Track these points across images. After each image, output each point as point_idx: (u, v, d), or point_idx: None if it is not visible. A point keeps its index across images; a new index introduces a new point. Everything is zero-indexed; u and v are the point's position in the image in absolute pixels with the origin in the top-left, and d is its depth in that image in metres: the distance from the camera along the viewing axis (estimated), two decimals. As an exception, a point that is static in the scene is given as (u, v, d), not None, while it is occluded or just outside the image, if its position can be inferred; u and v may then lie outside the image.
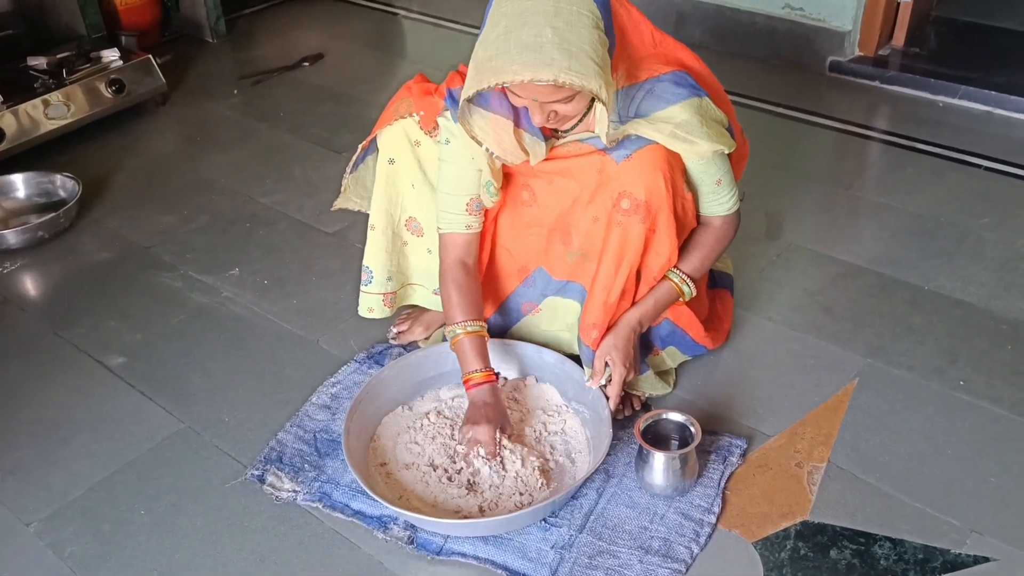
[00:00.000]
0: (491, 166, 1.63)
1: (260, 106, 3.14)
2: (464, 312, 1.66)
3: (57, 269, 2.34)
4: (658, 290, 1.66)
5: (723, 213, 1.68)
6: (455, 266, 1.70)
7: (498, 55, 1.37)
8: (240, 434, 1.78)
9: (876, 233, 2.32)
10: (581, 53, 1.36)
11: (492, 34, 1.40)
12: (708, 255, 1.70)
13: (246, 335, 2.05)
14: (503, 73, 1.36)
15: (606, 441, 1.58)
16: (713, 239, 1.69)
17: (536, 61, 1.34)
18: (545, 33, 1.35)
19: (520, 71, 1.35)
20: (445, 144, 1.65)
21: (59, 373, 1.97)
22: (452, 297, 1.68)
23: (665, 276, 1.66)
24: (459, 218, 1.69)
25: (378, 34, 3.78)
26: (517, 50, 1.35)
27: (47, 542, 1.59)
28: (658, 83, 1.52)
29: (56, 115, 2.77)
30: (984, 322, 1.99)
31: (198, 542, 1.57)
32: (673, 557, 1.49)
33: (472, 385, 1.64)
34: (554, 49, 1.34)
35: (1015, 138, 2.72)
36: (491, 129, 1.55)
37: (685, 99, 1.52)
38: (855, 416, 1.76)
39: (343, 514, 1.59)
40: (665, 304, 1.68)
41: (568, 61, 1.34)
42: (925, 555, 1.48)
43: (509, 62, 1.36)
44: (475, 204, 1.68)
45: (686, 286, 1.66)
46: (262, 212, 2.52)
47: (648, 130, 1.52)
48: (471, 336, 1.65)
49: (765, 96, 2.98)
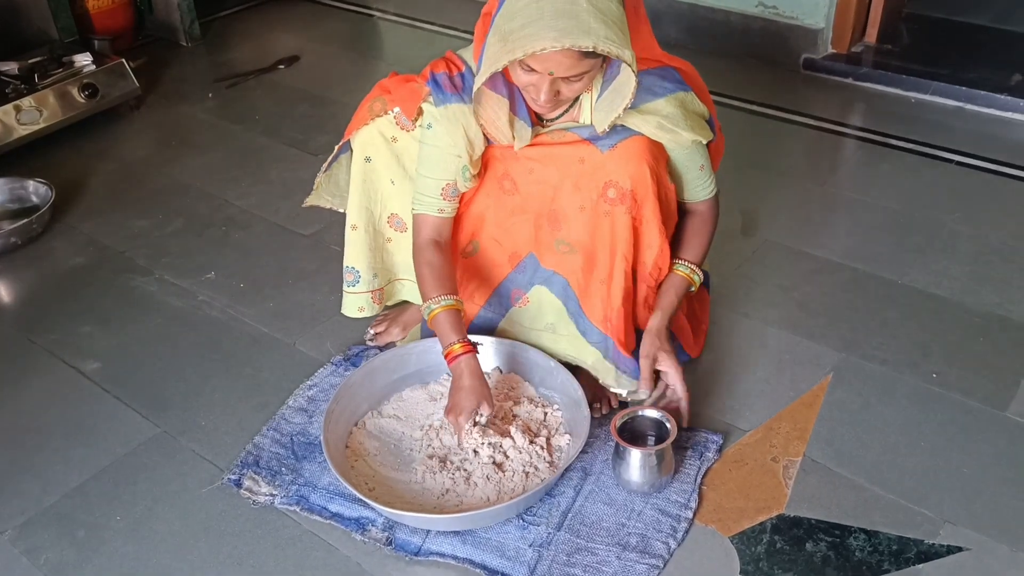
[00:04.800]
0: (470, 153, 1.64)
1: (235, 109, 3.12)
2: (438, 288, 1.67)
3: (31, 275, 2.32)
4: (672, 284, 1.70)
5: (706, 197, 1.74)
6: (427, 246, 1.71)
7: (531, 23, 1.36)
8: (217, 438, 1.77)
9: (850, 229, 2.34)
10: (614, 23, 1.37)
11: (518, 4, 1.38)
12: (704, 240, 1.75)
13: (222, 339, 2.05)
14: (538, 40, 1.34)
15: (585, 424, 1.60)
16: (703, 223, 1.75)
17: (575, 28, 1.34)
18: (580, 1, 1.35)
19: (559, 38, 1.33)
20: (427, 128, 1.66)
21: (33, 379, 1.95)
22: (425, 275, 1.69)
23: (672, 269, 1.70)
24: (433, 201, 1.70)
25: (354, 35, 3.77)
26: (553, 16, 1.34)
27: (21, 549, 1.57)
28: (647, 76, 1.56)
29: (28, 120, 2.75)
30: (957, 315, 2.01)
31: (175, 547, 1.56)
32: (651, 553, 1.49)
33: (452, 357, 1.64)
34: (591, 17, 1.35)
35: (986, 133, 2.75)
36: (489, 105, 1.57)
37: (672, 93, 1.58)
38: (830, 410, 1.77)
39: (321, 516, 1.59)
40: (682, 295, 1.71)
41: (606, 30, 1.35)
42: (899, 546, 1.50)
43: (545, 28, 1.34)
44: (451, 189, 1.69)
45: (696, 275, 1.71)
46: (238, 215, 2.50)
47: (637, 120, 1.56)
48: (446, 310, 1.66)
49: (740, 94, 3.00)
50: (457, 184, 1.68)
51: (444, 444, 1.67)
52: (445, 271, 1.70)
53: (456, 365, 1.63)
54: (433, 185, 1.68)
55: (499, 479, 1.59)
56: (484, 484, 1.58)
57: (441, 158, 1.66)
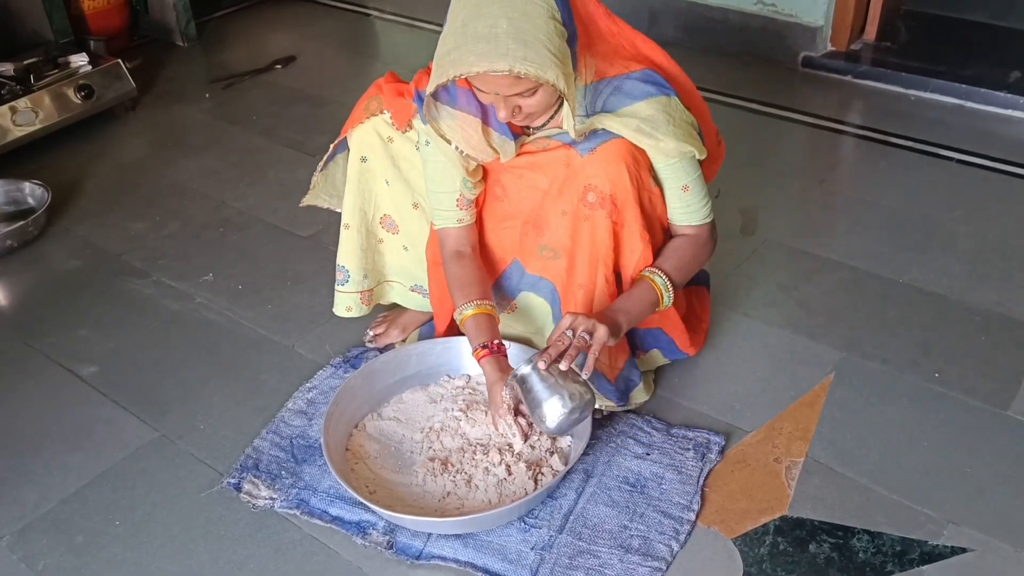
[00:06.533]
0: (463, 164, 1.64)
1: (232, 110, 3.11)
2: (464, 295, 1.68)
3: (27, 278, 2.30)
4: (637, 287, 1.59)
5: (694, 223, 1.64)
6: (451, 258, 1.72)
7: (456, 48, 1.37)
8: (216, 442, 1.76)
9: (850, 227, 2.33)
10: (536, 43, 1.36)
11: (450, 28, 1.41)
12: (683, 261, 1.63)
13: (221, 341, 2.03)
14: (460, 65, 1.36)
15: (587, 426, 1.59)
16: (688, 244, 1.64)
17: (491, 51, 1.34)
18: (500, 23, 1.35)
19: (476, 62, 1.35)
20: (425, 145, 1.66)
21: (30, 383, 1.94)
22: (452, 284, 1.71)
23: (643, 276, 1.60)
24: (450, 214, 1.71)
25: (350, 35, 3.76)
26: (473, 41, 1.35)
27: (19, 556, 1.56)
28: (626, 80, 1.53)
29: (24, 122, 2.73)
30: (957, 314, 2.00)
31: (174, 552, 1.55)
32: (653, 555, 1.48)
33: (480, 359, 1.64)
34: (509, 39, 1.34)
35: (985, 130, 2.74)
36: (459, 127, 1.56)
37: (652, 96, 1.52)
38: (832, 410, 1.76)
39: (321, 520, 1.58)
40: (645, 303, 1.58)
41: (524, 51, 1.34)
42: (903, 547, 1.49)
43: (466, 53, 1.36)
44: (464, 200, 1.70)
45: (667, 293, 1.58)
46: (235, 216, 2.49)
47: (615, 123, 1.52)
48: (473, 316, 1.66)
49: (738, 92, 2.99)
50: (465, 195, 1.69)
51: (445, 446, 1.66)
52: (469, 277, 1.70)
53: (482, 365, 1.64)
54: (447, 199, 1.69)
55: (501, 481, 1.58)
56: (486, 487, 1.58)
57: (445, 172, 1.66)
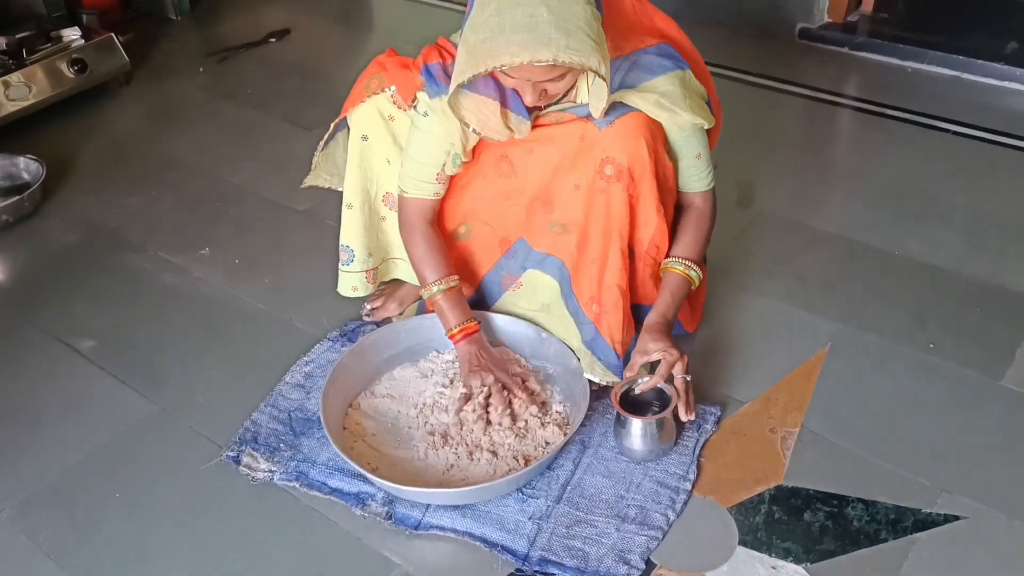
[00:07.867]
0: (464, 143, 1.64)
1: (226, 83, 3.09)
2: (436, 271, 1.70)
3: (23, 253, 2.30)
4: (667, 284, 1.65)
5: (702, 189, 1.70)
6: (424, 227, 1.73)
7: (492, 37, 1.35)
8: (214, 415, 1.77)
9: (846, 199, 2.33)
10: (577, 30, 1.34)
11: (483, 15, 1.37)
12: (701, 235, 1.69)
13: (218, 315, 2.04)
14: (499, 55, 1.34)
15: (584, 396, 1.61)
16: (700, 219, 1.70)
17: (533, 41, 1.32)
18: (540, 12, 1.33)
19: (518, 52, 1.32)
20: (423, 116, 1.65)
21: (28, 358, 1.95)
22: (423, 257, 1.71)
23: (667, 267, 1.65)
24: (429, 186, 1.71)
25: (345, 8, 3.73)
26: (512, 30, 1.33)
27: (20, 528, 1.57)
28: (643, 55, 1.54)
29: (17, 96, 2.72)
30: (953, 285, 2.01)
31: (174, 524, 1.56)
32: (649, 524, 1.50)
33: (457, 339, 1.66)
34: (550, 28, 1.32)
35: (982, 102, 2.74)
36: (476, 110, 1.55)
37: (670, 71, 1.55)
38: (827, 381, 1.77)
39: (320, 492, 1.59)
40: (682, 294, 1.65)
41: (566, 40, 1.33)
42: (897, 515, 1.51)
43: (505, 43, 1.33)
44: (443, 175, 1.70)
45: (692, 271, 1.65)
46: (231, 191, 2.49)
47: (635, 98, 1.54)
48: (445, 294, 1.68)
49: (735, 64, 2.97)
50: (446, 169, 1.69)
51: (441, 421, 1.67)
52: (441, 251, 1.72)
53: (460, 347, 1.66)
54: (427, 171, 1.68)
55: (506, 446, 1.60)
56: (486, 458, 1.59)
57: (436, 146, 1.66)
